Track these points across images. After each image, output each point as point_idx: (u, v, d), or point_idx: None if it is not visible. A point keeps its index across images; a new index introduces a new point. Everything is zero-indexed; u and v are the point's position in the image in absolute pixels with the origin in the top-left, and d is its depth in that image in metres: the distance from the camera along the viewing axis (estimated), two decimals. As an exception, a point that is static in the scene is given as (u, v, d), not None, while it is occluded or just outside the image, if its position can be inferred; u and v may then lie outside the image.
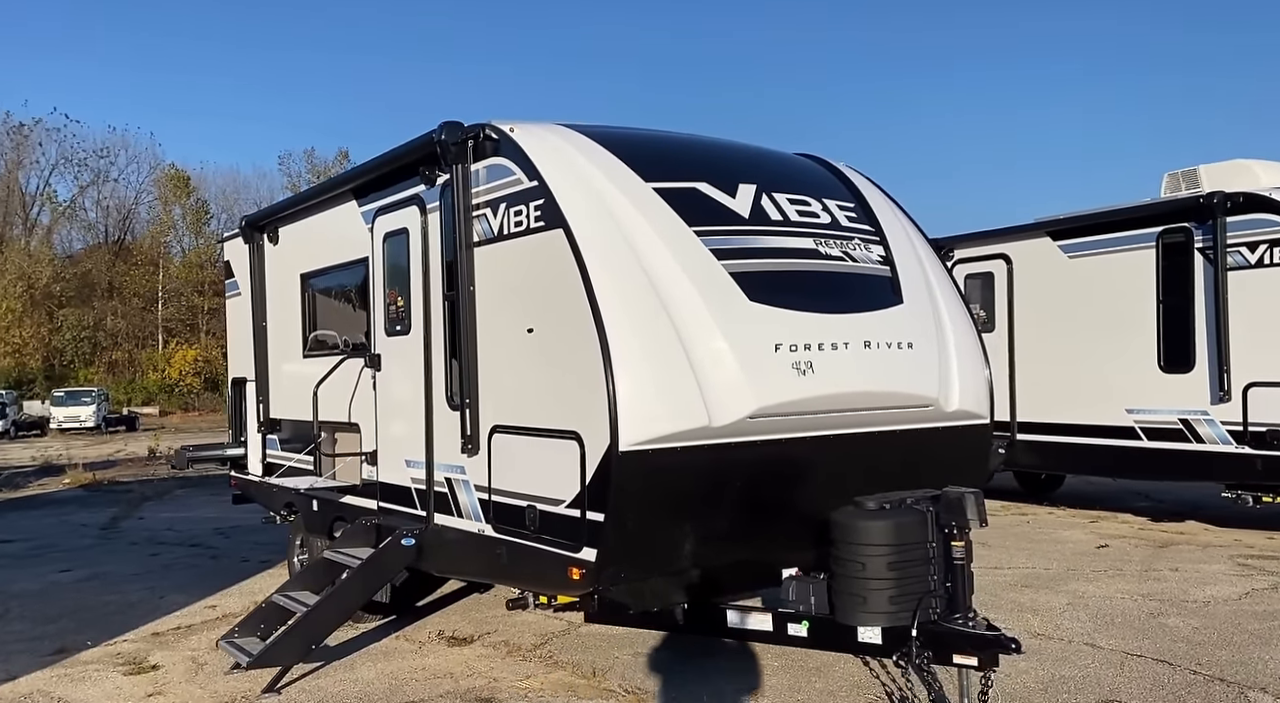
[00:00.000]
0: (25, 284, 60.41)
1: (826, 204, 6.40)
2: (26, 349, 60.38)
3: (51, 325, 61.57)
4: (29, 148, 64.60)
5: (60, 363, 61.80)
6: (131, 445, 31.84)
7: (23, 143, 64.41)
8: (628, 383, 5.14)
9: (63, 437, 40.30)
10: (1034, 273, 11.80)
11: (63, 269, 63.96)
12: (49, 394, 47.55)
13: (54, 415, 43.30)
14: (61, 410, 43.33)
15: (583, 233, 5.40)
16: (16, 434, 41.23)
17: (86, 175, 66.85)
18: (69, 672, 6.85)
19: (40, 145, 64.63)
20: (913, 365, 6.05)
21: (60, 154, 65.54)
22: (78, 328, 61.55)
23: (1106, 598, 8.06)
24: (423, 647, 7.15)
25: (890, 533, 5.24)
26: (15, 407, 43.68)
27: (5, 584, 10.08)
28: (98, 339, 62.66)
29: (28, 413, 46.01)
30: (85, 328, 61.89)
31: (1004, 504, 13.22)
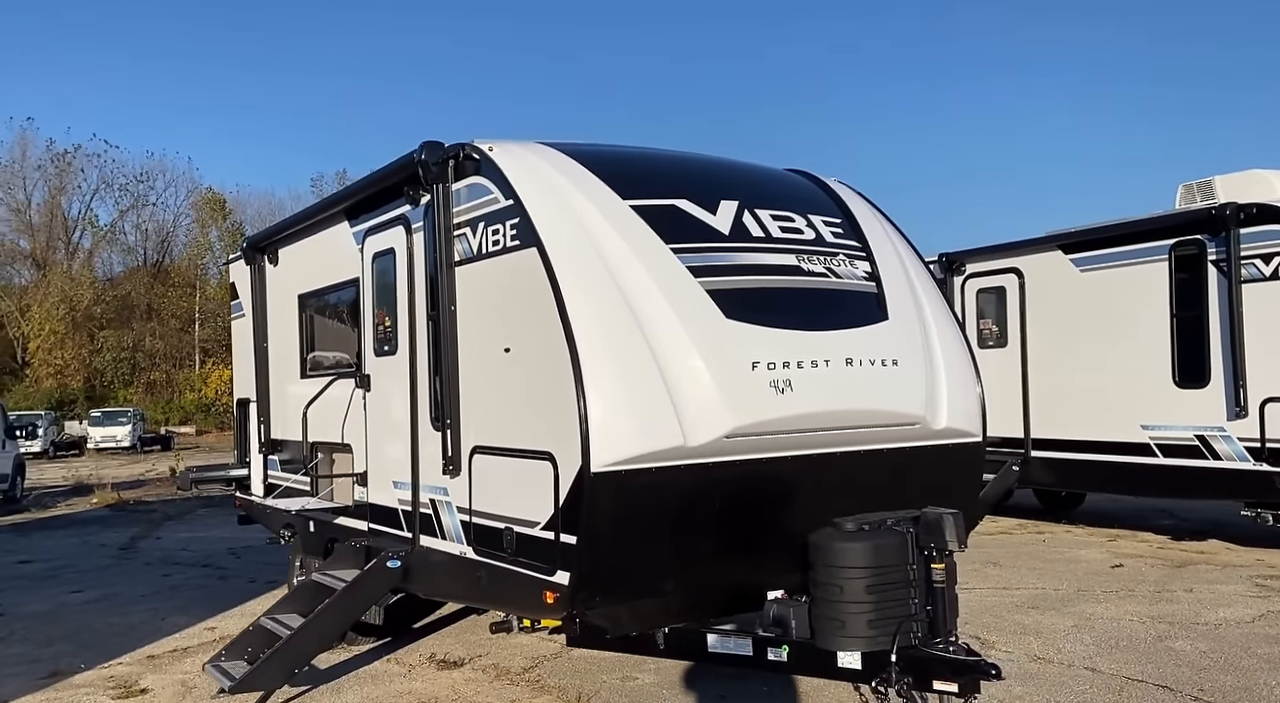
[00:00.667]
0: (67, 307, 61.56)
1: (811, 220, 6.31)
2: (68, 370, 61.48)
3: (92, 347, 62.60)
4: (71, 174, 65.97)
5: (101, 383, 62.74)
6: (162, 465, 32.10)
7: (65, 169, 65.76)
8: (600, 403, 5.07)
9: (99, 456, 40.82)
10: (1046, 287, 11.61)
11: (103, 292, 65.09)
12: (87, 414, 48.26)
13: (91, 435, 43.94)
14: (99, 430, 43.95)
15: (557, 251, 5.35)
16: (55, 454, 41.80)
17: (126, 200, 68.09)
18: (59, 696, 6.87)
19: (82, 171, 65.99)
20: (897, 383, 5.93)
21: (101, 179, 66.83)
22: (117, 349, 62.52)
23: (1114, 620, 7.86)
24: (412, 670, 7.09)
25: (868, 555, 5.12)
26: (55, 427, 44.32)
27: (15, 606, 10.17)
28: (136, 360, 63.55)
29: (68, 433, 46.77)
30: (125, 349, 62.84)
31: (1021, 522, 13.01)
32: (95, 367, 62.58)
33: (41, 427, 41.81)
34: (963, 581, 9.22)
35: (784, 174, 6.96)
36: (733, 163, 6.80)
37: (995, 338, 12.24)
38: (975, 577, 9.64)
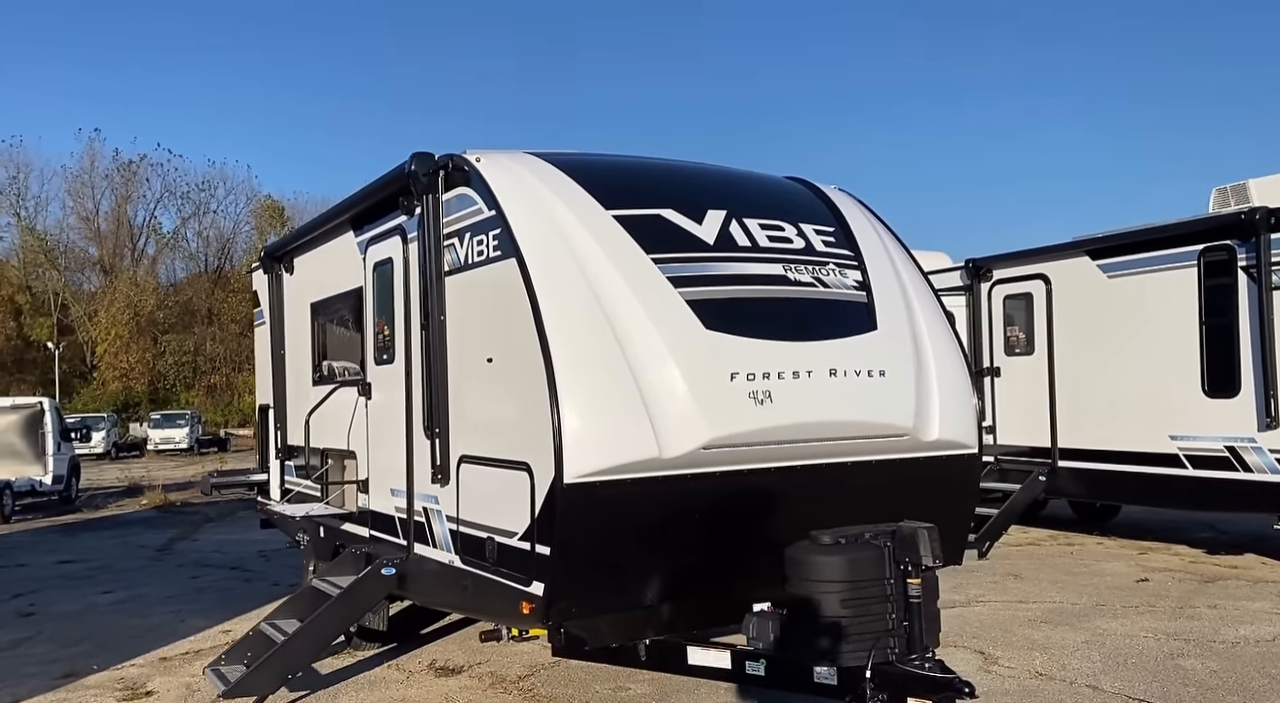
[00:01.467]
0: (132, 312, 63.27)
1: (802, 229, 6.25)
2: (133, 373, 63.19)
3: (156, 350, 64.22)
4: (136, 183, 67.80)
5: (164, 386, 64.35)
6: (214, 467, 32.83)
7: (131, 178, 67.63)
8: (574, 413, 5.08)
9: (159, 458, 41.85)
10: (1073, 293, 11.36)
11: (166, 297, 66.78)
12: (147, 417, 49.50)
13: (151, 437, 45.06)
14: (158, 433, 45.03)
15: (535, 262, 5.37)
16: (117, 455, 42.95)
17: (188, 207, 69.80)
18: (69, 697, 7.04)
19: (146, 180, 67.79)
20: (884, 394, 5.85)
21: (164, 187, 68.61)
22: (179, 353, 64.06)
23: (1128, 636, 7.66)
24: (410, 677, 7.15)
25: (843, 569, 5.04)
26: (116, 429, 45.50)
27: (48, 605, 10.46)
28: (198, 363, 65.05)
29: (134, 434, 48.06)
30: (186, 353, 64.37)
31: (1052, 534, 12.75)
32: (159, 370, 64.20)
33: (103, 429, 43.05)
34: (979, 593, 9.20)
35: (779, 182, 6.91)
36: (725, 171, 6.77)
37: (1022, 345, 12.01)
38: (994, 589, 9.48)
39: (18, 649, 8.58)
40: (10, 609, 10.35)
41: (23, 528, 18.36)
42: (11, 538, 16.96)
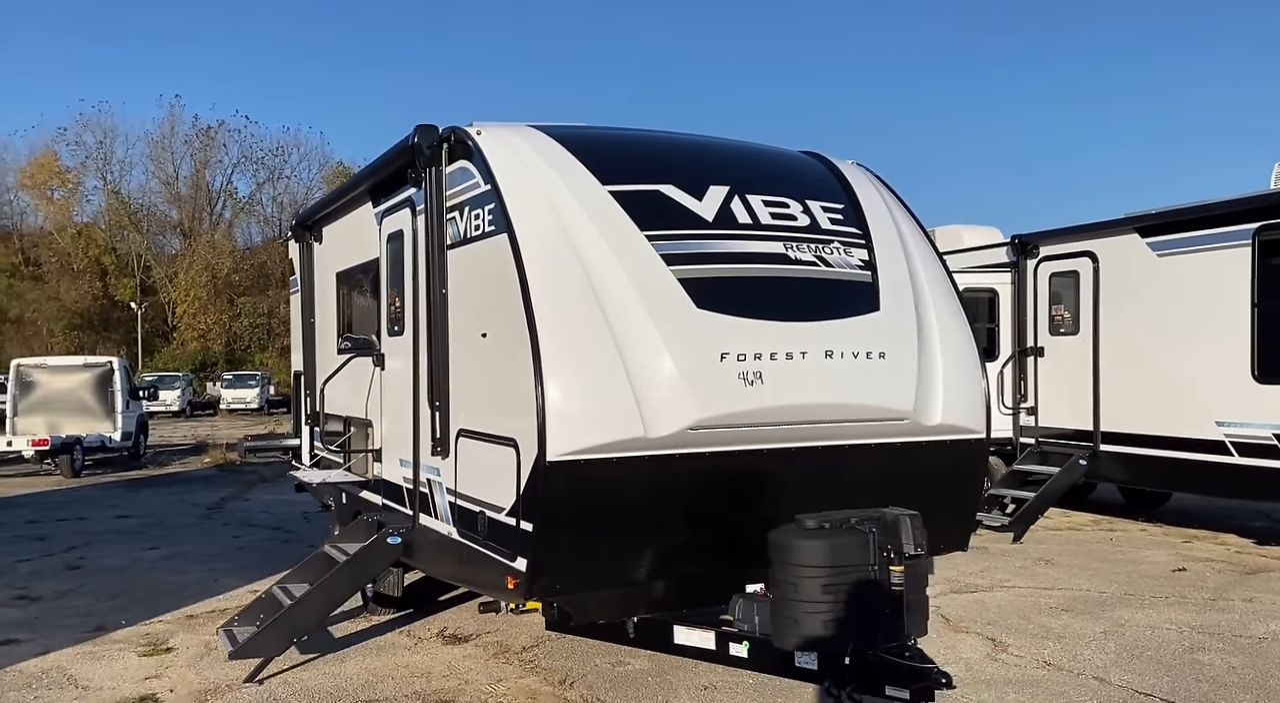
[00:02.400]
0: (209, 274, 64.94)
1: (809, 206, 6.14)
2: (210, 334, 64.99)
3: (232, 312, 65.85)
4: (214, 148, 69.22)
5: (239, 347, 66.04)
6: (284, 426, 33.62)
7: (209, 144, 69.09)
8: (558, 391, 5.08)
9: (230, 417, 43.03)
10: (1120, 271, 10.99)
11: (241, 260, 68.30)
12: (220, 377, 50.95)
13: (223, 397, 46.31)
14: (230, 392, 46.27)
15: (526, 238, 5.36)
16: (192, 413, 44.36)
17: (263, 173, 71.11)
18: (95, 649, 7.29)
19: (224, 146, 69.15)
20: (883, 376, 5.74)
21: (241, 153, 69.91)
22: (254, 315, 65.59)
23: (1150, 628, 7.46)
24: (419, 644, 7.27)
25: (825, 554, 4.98)
26: (190, 388, 46.87)
27: (96, 560, 10.84)
28: (271, 325, 66.52)
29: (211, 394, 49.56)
30: (260, 315, 65.87)
31: (1095, 518, 12.45)
32: (234, 331, 65.86)
33: (179, 387, 44.45)
34: (1005, 578, 9.04)
35: (790, 157, 6.79)
36: (733, 146, 6.67)
37: (1067, 324, 11.68)
38: (1021, 575, 9.30)
39: (59, 601, 8.92)
40: (62, 562, 10.75)
41: (91, 483, 19.04)
42: (79, 492, 17.60)
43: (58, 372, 21.86)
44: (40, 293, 65.65)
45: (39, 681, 6.59)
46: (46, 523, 13.73)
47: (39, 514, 14.58)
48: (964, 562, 9.83)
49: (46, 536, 12.59)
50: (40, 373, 21.74)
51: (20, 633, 7.75)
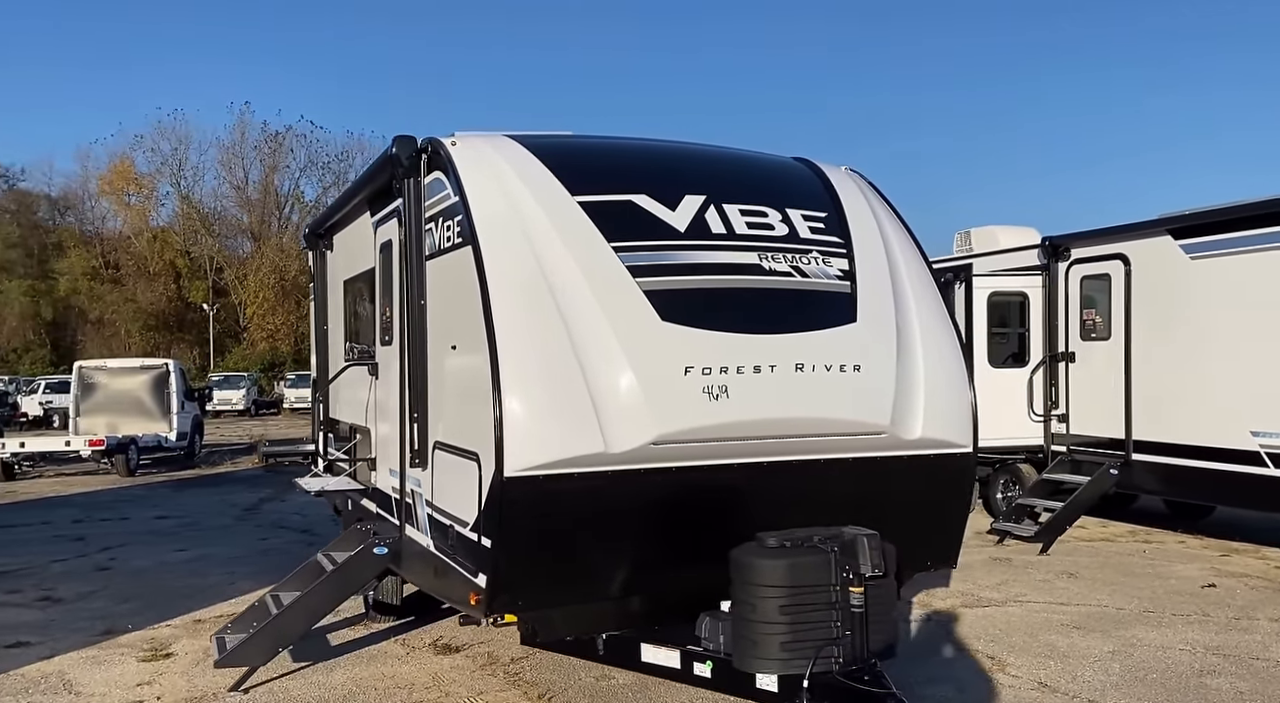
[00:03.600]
0: (278, 276, 66.39)
1: (789, 214, 6.01)
2: (278, 335, 66.47)
3: (299, 313, 67.15)
4: (282, 153, 70.65)
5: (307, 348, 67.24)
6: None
7: (278, 149, 70.53)
8: (515, 406, 5.03)
9: (292, 415, 43.89)
10: (1152, 275, 10.60)
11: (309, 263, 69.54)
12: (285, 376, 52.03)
13: (286, 396, 47.26)
14: (293, 392, 47.14)
15: (489, 250, 5.32)
16: (256, 412, 45.39)
17: (329, 177, 72.27)
18: (98, 654, 7.43)
19: (291, 151, 70.52)
20: (858, 389, 5.59)
21: (307, 158, 71.19)
22: (321, 316, 66.74)
23: (1162, 648, 7.18)
24: (411, 654, 7.28)
25: (783, 574, 4.87)
26: (256, 387, 47.94)
27: (124, 561, 11.10)
28: (337, 326, 67.72)
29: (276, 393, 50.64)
30: (326, 317, 67.02)
31: (1133, 529, 12.04)
32: (301, 332, 67.15)
33: (244, 387, 45.61)
34: (1021, 592, 8.78)
35: (776, 165, 6.66)
36: (717, 154, 6.56)
37: (1099, 329, 11.31)
38: (1039, 589, 9.02)
39: (80, 603, 9.13)
40: (92, 563, 11.03)
41: (143, 482, 19.55)
42: (130, 491, 18.08)
43: (116, 374, 22.49)
44: (119, 295, 67.72)
45: (36, 685, 6.73)
46: (90, 523, 14.12)
47: (85, 514, 15.00)
48: (982, 575, 9.60)
49: (86, 536, 12.94)
50: (100, 375, 22.39)
51: (33, 635, 7.94)
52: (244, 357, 64.27)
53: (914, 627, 7.78)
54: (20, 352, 64.96)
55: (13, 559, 11.33)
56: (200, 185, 71.61)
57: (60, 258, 69.11)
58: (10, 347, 65.97)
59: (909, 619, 7.98)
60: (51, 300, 67.03)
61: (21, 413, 38.87)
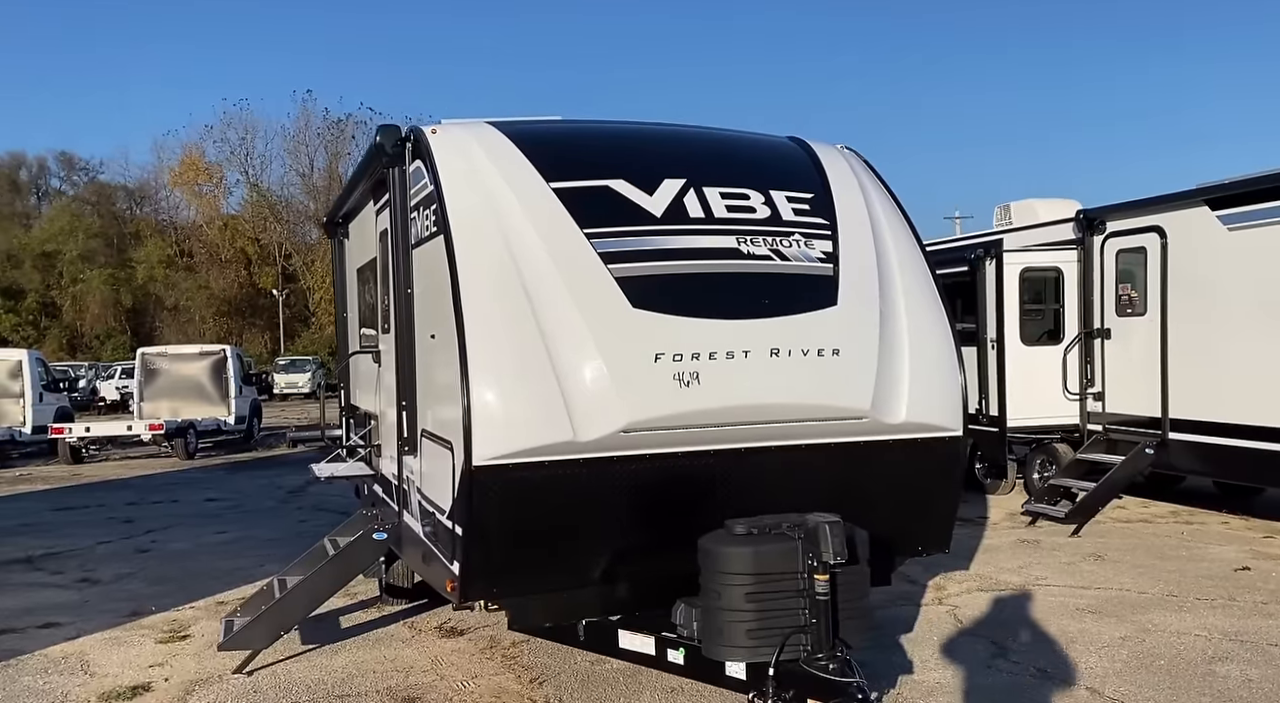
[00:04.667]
0: (342, 261, 67.52)
1: (772, 196, 5.90)
2: (343, 319, 67.69)
3: (364, 298, 68.31)
4: (344, 140, 71.68)
5: (370, 332, 68.44)
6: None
7: (340, 136, 71.58)
8: (484, 394, 5.04)
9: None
10: (1189, 247, 10.24)
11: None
12: (351, 360, 52.98)
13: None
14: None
15: (460, 238, 5.33)
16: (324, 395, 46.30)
17: (389, 163, 73.20)
18: (121, 635, 7.67)
19: (353, 137, 71.48)
20: (836, 374, 5.48)
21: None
22: (385, 300, 67.83)
23: (1178, 634, 6.98)
24: (417, 636, 7.38)
25: (748, 561, 4.82)
26: (322, 370, 48.91)
27: (165, 543, 11.46)
28: (402, 310, 68.75)
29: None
30: (390, 300, 68.08)
31: (1174, 509, 11.70)
32: (366, 316, 68.32)
33: (309, 370, 46.64)
34: (1042, 575, 8.62)
35: (762, 146, 6.56)
36: (702, 136, 6.48)
37: (1135, 305, 10.97)
38: (1062, 572, 8.83)
39: (114, 584, 9.45)
40: (135, 545, 11.40)
41: (201, 465, 20.12)
42: (186, 474, 18.62)
43: (178, 360, 23.13)
44: (193, 282, 69.63)
45: (56, 666, 6.97)
46: (142, 505, 14.57)
47: (139, 496, 15.49)
48: (1006, 557, 9.43)
49: (136, 518, 13.37)
50: (162, 361, 23.05)
51: (65, 616, 8.23)
52: (312, 341, 65.59)
53: (921, 610, 7.67)
54: (102, 338, 67.24)
55: (62, 540, 11.77)
56: (268, 173, 73.27)
57: (138, 247, 71.25)
58: (93, 333, 68.33)
59: (919, 603, 7.89)
60: (130, 288, 69.17)
61: (100, 397, 40.18)
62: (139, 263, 69.97)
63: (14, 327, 65.17)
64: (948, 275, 12.64)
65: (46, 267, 68.73)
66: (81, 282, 67.48)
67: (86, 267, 67.85)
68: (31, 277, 68.31)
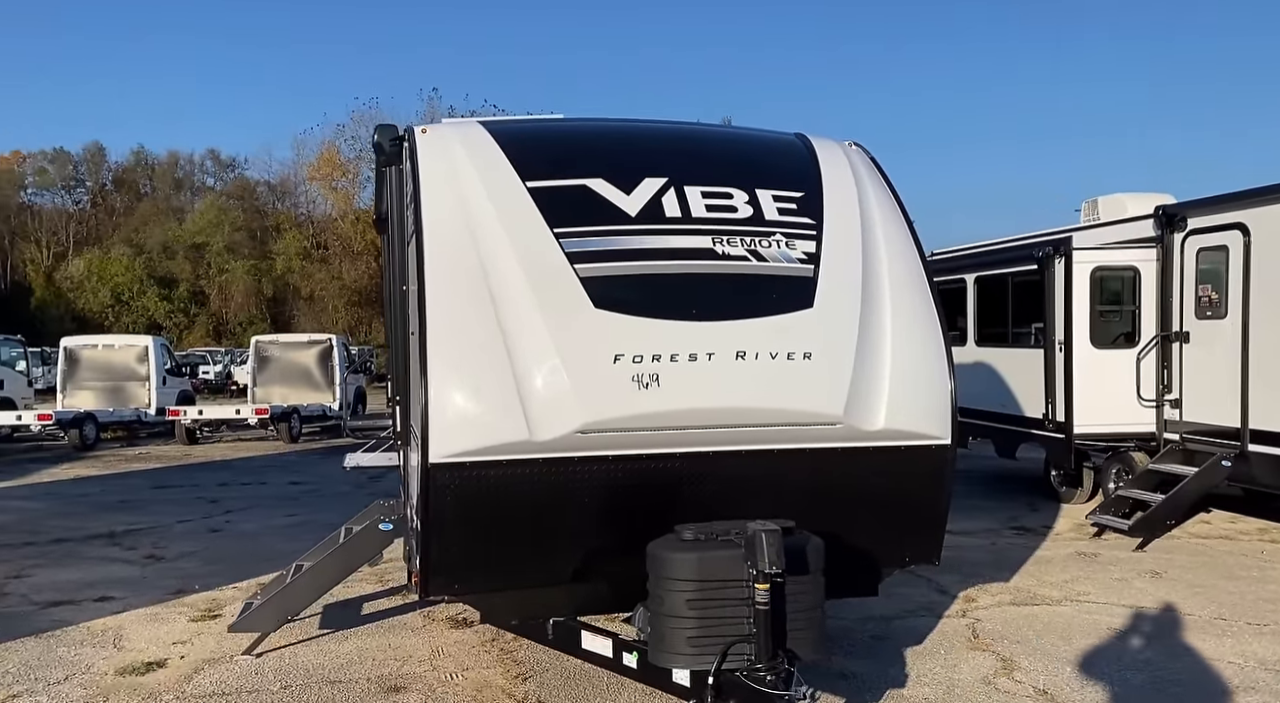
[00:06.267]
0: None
1: (757, 196, 5.77)
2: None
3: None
4: (470, 136, 73.19)
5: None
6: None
7: (466, 132, 73.13)
8: (441, 394, 5.09)
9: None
10: (1274, 245, 9.53)
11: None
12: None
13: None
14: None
15: (431, 239, 5.39)
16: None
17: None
18: (159, 611, 8.06)
19: (479, 134, 72.99)
20: (807, 378, 5.32)
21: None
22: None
23: (1209, 659, 6.56)
24: (428, 626, 7.52)
25: (691, 568, 4.74)
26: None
27: (236, 524, 11.97)
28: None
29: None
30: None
31: (1264, 527, 10.95)
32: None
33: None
34: (1084, 591, 8.24)
35: (761, 143, 6.42)
36: (694, 134, 6.39)
37: (1214, 307, 10.29)
38: (1109, 589, 8.39)
39: (176, 562, 9.94)
40: (209, 525, 11.95)
41: (302, 449, 20.92)
42: (283, 458, 19.41)
43: (288, 347, 24.14)
44: (326, 273, 72.37)
45: (93, 638, 7.36)
46: (232, 486, 15.27)
47: (233, 478, 16.23)
48: (1054, 570, 9.03)
49: (221, 498, 14.03)
50: (274, 348, 24.09)
51: (119, 591, 8.70)
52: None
53: (940, 622, 7.40)
54: (245, 325, 70.63)
55: (147, 518, 12.44)
56: (398, 169, 75.38)
57: (278, 239, 74.47)
58: (236, 320, 71.86)
59: (941, 614, 7.61)
60: (270, 278, 72.43)
61: (233, 381, 42.27)
62: (278, 254, 73.12)
63: (167, 313, 69.18)
64: (1014, 274, 12.28)
65: (196, 257, 72.54)
66: (226, 272, 70.98)
67: (231, 257, 71.32)
68: (183, 267, 72.24)
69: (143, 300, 68.01)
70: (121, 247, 70.95)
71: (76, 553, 10.44)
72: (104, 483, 15.90)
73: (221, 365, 44.99)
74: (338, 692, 6.17)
